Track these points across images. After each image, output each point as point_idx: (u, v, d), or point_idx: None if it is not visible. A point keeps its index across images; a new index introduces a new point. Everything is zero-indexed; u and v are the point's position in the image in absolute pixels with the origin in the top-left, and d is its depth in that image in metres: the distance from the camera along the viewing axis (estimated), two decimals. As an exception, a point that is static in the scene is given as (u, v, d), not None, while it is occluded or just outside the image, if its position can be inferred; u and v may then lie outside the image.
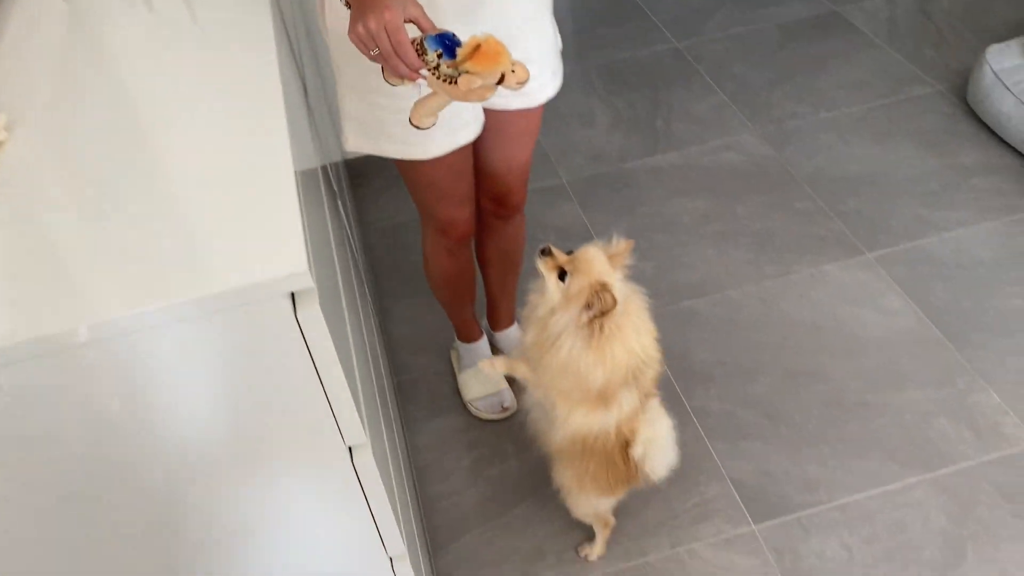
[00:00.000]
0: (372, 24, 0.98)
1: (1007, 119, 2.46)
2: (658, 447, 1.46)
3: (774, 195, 2.48)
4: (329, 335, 0.83)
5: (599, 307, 1.31)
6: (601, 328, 1.33)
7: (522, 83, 1.04)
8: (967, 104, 2.68)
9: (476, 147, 1.51)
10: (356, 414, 0.92)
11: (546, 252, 1.40)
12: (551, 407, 1.45)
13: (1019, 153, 2.48)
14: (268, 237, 0.82)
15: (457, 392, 2.04)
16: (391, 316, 2.27)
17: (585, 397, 1.39)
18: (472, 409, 1.98)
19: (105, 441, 0.84)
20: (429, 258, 1.78)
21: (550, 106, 1.53)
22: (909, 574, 1.60)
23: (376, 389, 1.34)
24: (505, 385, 1.99)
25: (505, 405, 1.97)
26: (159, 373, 0.81)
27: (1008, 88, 2.46)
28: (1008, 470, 1.74)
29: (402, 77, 1.03)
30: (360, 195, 2.69)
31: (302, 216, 0.85)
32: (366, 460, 0.97)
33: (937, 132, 2.61)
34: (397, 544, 1.09)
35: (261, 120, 0.99)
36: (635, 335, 1.38)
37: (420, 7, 1.02)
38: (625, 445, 1.44)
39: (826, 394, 1.92)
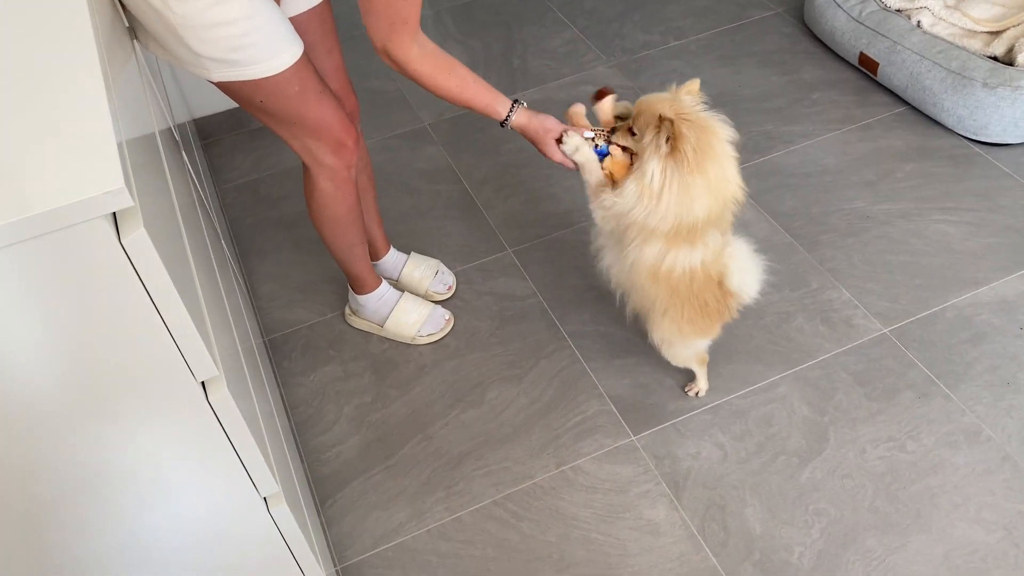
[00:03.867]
0: (557, 157, 1.55)
1: (840, 35, 2.59)
2: (749, 272, 1.53)
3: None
4: (160, 260, 0.79)
5: (667, 132, 1.34)
6: (687, 154, 1.34)
7: None
8: (804, 24, 2.80)
9: None
10: (204, 346, 0.88)
11: (614, 129, 1.49)
12: (625, 242, 1.50)
13: (853, 66, 2.61)
14: (81, 161, 0.76)
15: (334, 344, 2.00)
16: (257, 275, 2.19)
17: (673, 232, 1.43)
18: (421, 341, 1.97)
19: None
20: (331, 199, 1.66)
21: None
22: (779, 463, 1.70)
23: (236, 333, 1.29)
24: (432, 302, 2.01)
25: (447, 318, 2.00)
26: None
27: (839, 5, 2.58)
28: (860, 358, 1.87)
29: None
30: (214, 154, 2.57)
31: (117, 135, 0.79)
32: (222, 395, 0.93)
33: (779, 52, 2.72)
34: (269, 483, 1.06)
35: (67, 43, 0.91)
36: (727, 159, 1.41)
37: (560, 126, 1.55)
38: (718, 283, 1.52)
39: (692, 306, 1.99)
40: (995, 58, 2.31)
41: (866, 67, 2.53)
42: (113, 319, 0.81)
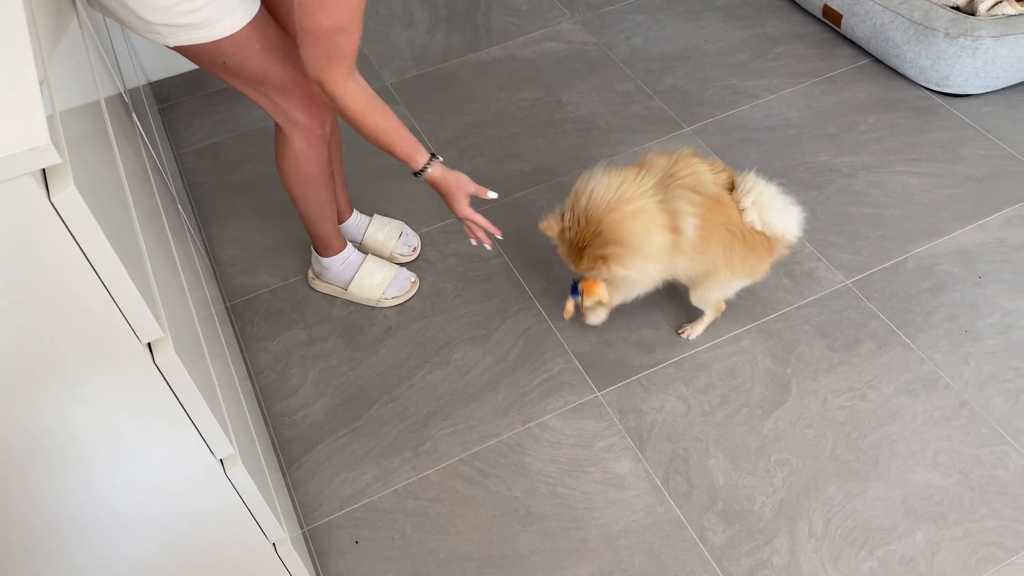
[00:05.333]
0: (464, 213, 1.64)
1: (804, -13, 2.57)
2: (768, 206, 1.57)
3: (595, 80, 2.51)
4: (94, 219, 0.77)
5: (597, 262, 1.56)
6: (615, 257, 1.54)
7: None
8: (769, -23, 2.77)
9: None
10: (147, 307, 0.86)
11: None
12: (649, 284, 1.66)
13: (817, 19, 2.60)
14: (6, 120, 0.73)
15: (297, 308, 1.98)
16: (218, 240, 2.16)
17: (663, 250, 1.57)
18: (386, 304, 1.96)
19: None
20: (304, 158, 1.63)
21: (370, 9, 1.47)
22: (742, 415, 1.72)
23: (191, 298, 1.27)
24: (396, 264, 2.01)
25: (412, 280, 1.99)
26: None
27: (803, -43, 2.56)
28: (823, 310, 1.88)
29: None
30: (172, 118, 2.52)
31: (46, 97, 0.76)
32: (169, 357, 0.91)
33: (743, 6, 2.70)
34: (224, 445, 1.05)
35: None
36: (633, 210, 1.53)
37: (472, 184, 1.62)
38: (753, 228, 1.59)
39: (657, 262, 2.00)
40: (957, 8, 2.30)
41: (830, 19, 2.52)
42: (51, 279, 0.79)
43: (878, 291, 1.90)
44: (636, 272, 1.57)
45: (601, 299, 1.66)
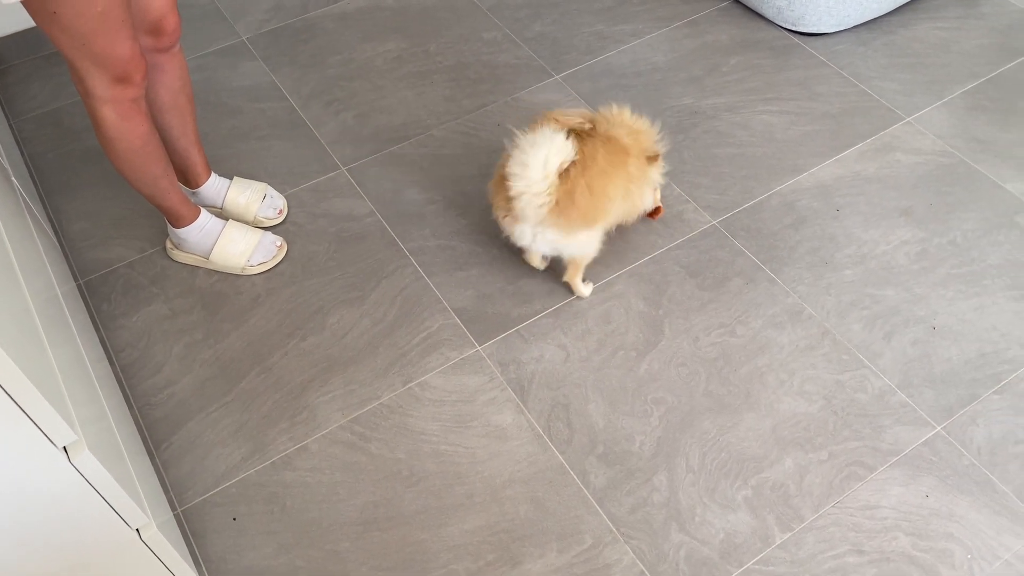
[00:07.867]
0: None
1: (665, -70, 2.57)
2: (522, 158, 1.56)
3: (463, 29, 2.45)
4: None
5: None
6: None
7: None
8: (631, -80, 2.76)
9: None
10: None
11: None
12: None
13: (679, -38, 2.61)
14: None
15: (156, 281, 1.87)
16: (65, 213, 2.01)
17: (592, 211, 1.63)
18: (253, 271, 1.88)
19: None
20: (118, 132, 1.52)
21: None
22: (618, 358, 1.74)
23: (26, 281, 1.17)
24: (261, 229, 1.93)
25: (278, 244, 1.91)
26: None
27: (662, -102, 2.55)
28: (692, 251, 1.92)
29: None
30: (6, 83, 2.31)
31: None
32: (-17, 341, 0.83)
33: (607, -51, 2.68)
34: (64, 432, 0.98)
35: None
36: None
37: None
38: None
39: (530, 212, 1.98)
40: (809, -52, 2.35)
41: (691, -38, 2.54)
42: None
43: (744, 229, 1.95)
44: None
45: None
